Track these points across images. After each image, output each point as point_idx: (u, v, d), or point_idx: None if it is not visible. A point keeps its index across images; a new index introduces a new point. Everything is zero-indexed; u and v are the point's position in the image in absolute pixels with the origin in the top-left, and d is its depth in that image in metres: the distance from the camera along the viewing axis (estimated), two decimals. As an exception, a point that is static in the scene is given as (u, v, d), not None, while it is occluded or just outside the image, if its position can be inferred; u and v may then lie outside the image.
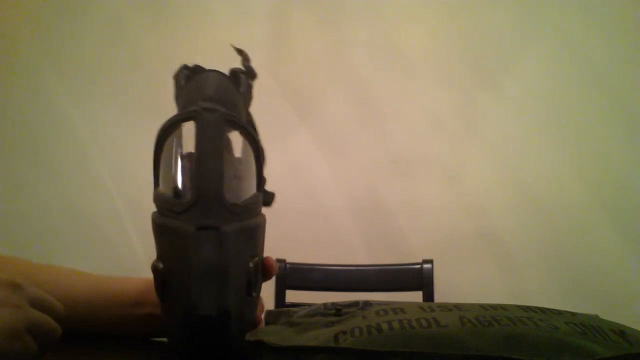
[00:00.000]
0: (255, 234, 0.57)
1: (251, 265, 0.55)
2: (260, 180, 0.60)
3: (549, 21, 1.82)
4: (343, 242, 1.83)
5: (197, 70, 0.62)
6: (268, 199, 0.63)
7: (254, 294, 0.56)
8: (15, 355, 0.44)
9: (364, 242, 1.84)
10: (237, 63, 0.66)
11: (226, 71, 0.63)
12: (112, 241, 1.90)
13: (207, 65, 0.65)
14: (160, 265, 0.54)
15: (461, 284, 1.75)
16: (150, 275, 0.55)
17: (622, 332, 0.51)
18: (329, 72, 1.89)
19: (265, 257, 0.60)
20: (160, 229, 0.54)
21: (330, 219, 1.83)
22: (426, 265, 1.47)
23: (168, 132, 0.58)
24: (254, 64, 0.66)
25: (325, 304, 0.63)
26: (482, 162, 1.84)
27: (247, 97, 0.64)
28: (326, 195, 1.84)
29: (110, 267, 1.80)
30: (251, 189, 0.59)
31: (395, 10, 1.88)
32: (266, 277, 0.60)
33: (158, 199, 0.56)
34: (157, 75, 1.97)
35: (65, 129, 1.96)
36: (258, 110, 0.67)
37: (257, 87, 0.65)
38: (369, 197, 1.86)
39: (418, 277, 1.46)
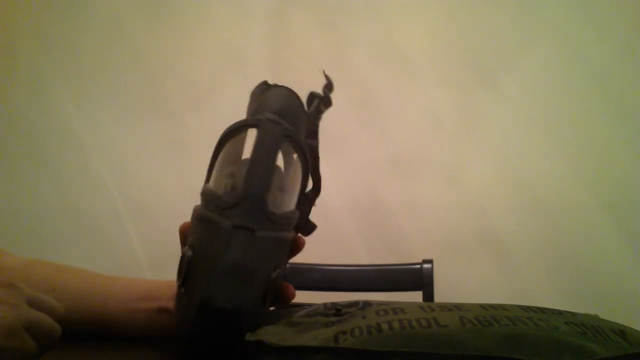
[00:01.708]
0: (284, 246, 0.59)
1: (273, 275, 0.56)
2: (301, 199, 0.64)
3: (549, 21, 1.82)
4: (343, 242, 1.83)
5: (273, 86, 0.66)
6: (308, 228, 0.66)
7: (267, 304, 0.57)
8: (14, 353, 0.44)
9: (364, 242, 1.84)
10: (235, 64, 0.66)
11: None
12: (112, 241, 1.90)
13: (209, 66, 0.66)
14: (190, 253, 0.55)
15: (461, 284, 1.75)
16: (152, 275, 0.56)
17: (622, 332, 0.51)
18: (329, 72, 1.89)
19: (285, 284, 0.62)
20: (199, 220, 0.57)
21: (330, 219, 1.82)
22: (426, 265, 1.47)
23: (231, 134, 0.61)
24: (255, 64, 0.67)
25: (325, 304, 0.63)
26: (482, 162, 1.84)
27: (313, 120, 0.68)
28: (326, 195, 1.83)
29: (110, 267, 1.79)
30: (291, 204, 0.63)
31: (395, 10, 1.88)
32: (279, 301, 0.62)
33: (205, 193, 0.58)
34: (157, 75, 1.98)
35: (65, 129, 1.96)
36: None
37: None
38: (369, 197, 1.86)
39: (418, 277, 1.46)
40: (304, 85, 0.71)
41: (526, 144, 1.82)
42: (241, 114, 0.63)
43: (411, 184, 1.85)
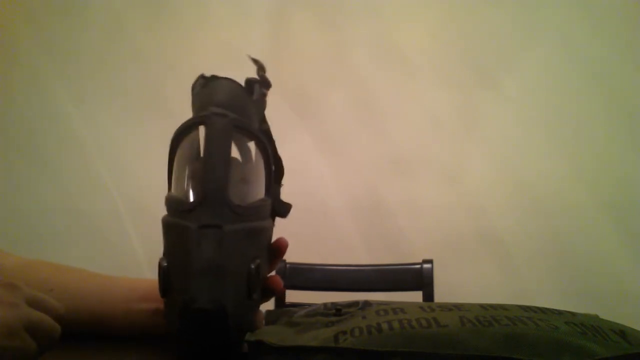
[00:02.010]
0: (259, 236, 0.58)
1: (252, 267, 0.55)
2: (270, 185, 0.62)
3: (549, 21, 1.82)
4: (343, 242, 1.83)
5: (212, 79, 0.64)
6: (283, 209, 0.65)
7: (254, 296, 0.56)
8: (14, 352, 0.44)
9: (364, 242, 1.84)
10: (235, 64, 0.66)
11: (241, 79, 0.65)
12: (112, 241, 1.90)
13: (209, 66, 0.65)
14: (164, 263, 0.55)
15: (461, 284, 1.75)
16: (152, 275, 0.56)
17: (622, 332, 0.51)
18: (329, 72, 1.89)
19: (271, 276, 0.62)
20: (167, 228, 0.57)
21: (330, 218, 1.82)
22: (426, 265, 1.47)
23: (180, 137, 0.60)
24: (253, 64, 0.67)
25: (325, 304, 0.63)
26: (482, 162, 1.84)
27: (260, 105, 0.66)
28: (326, 195, 1.84)
29: (110, 267, 1.79)
30: (259, 193, 0.61)
31: (395, 10, 1.88)
32: (269, 295, 0.62)
33: (168, 200, 0.58)
34: (157, 75, 1.98)
35: (65, 129, 1.96)
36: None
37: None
38: (369, 197, 1.86)
39: (418, 277, 1.46)
40: (304, 85, 0.71)
41: (526, 144, 1.82)
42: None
43: (411, 184, 1.85)
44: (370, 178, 1.86)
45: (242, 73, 0.64)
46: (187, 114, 0.63)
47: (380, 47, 1.88)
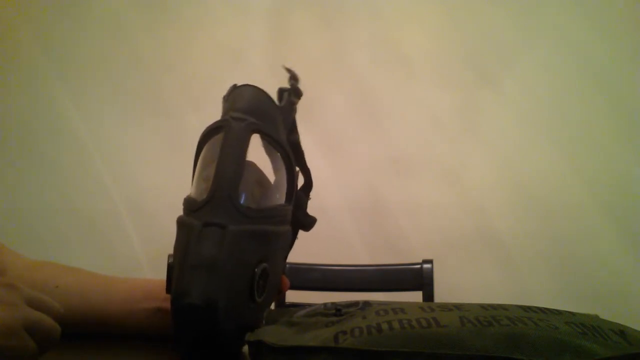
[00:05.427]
0: (270, 240, 0.59)
1: (257, 270, 0.55)
2: (292, 193, 0.63)
3: (549, 21, 1.82)
4: (343, 242, 1.83)
5: (238, 86, 0.65)
6: (307, 222, 0.66)
7: (258, 300, 0.56)
8: (13, 352, 0.44)
9: (364, 242, 1.84)
10: (235, 64, 0.67)
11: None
12: (112, 241, 1.90)
13: (209, 66, 0.66)
14: (170, 260, 0.57)
15: (461, 284, 1.75)
16: (152, 275, 0.57)
17: (622, 332, 0.51)
18: (329, 72, 1.89)
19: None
20: (177, 226, 0.58)
21: (330, 218, 1.82)
22: (426, 265, 1.47)
23: (203, 142, 0.62)
24: (255, 64, 0.68)
25: (325, 304, 0.63)
26: (482, 162, 1.84)
27: (288, 114, 0.67)
28: (326, 195, 1.84)
29: (110, 267, 1.79)
30: (279, 199, 0.62)
31: (396, 10, 1.88)
32: (276, 294, 0.63)
33: (184, 201, 0.59)
34: (157, 74, 1.98)
35: (65, 129, 1.96)
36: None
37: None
38: (369, 197, 1.86)
39: (418, 277, 1.46)
40: (303, 85, 0.71)
41: (526, 144, 1.82)
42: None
43: (411, 184, 1.85)
44: (370, 178, 1.86)
45: (241, 73, 0.64)
46: (186, 113, 0.64)
47: (380, 47, 1.88)
